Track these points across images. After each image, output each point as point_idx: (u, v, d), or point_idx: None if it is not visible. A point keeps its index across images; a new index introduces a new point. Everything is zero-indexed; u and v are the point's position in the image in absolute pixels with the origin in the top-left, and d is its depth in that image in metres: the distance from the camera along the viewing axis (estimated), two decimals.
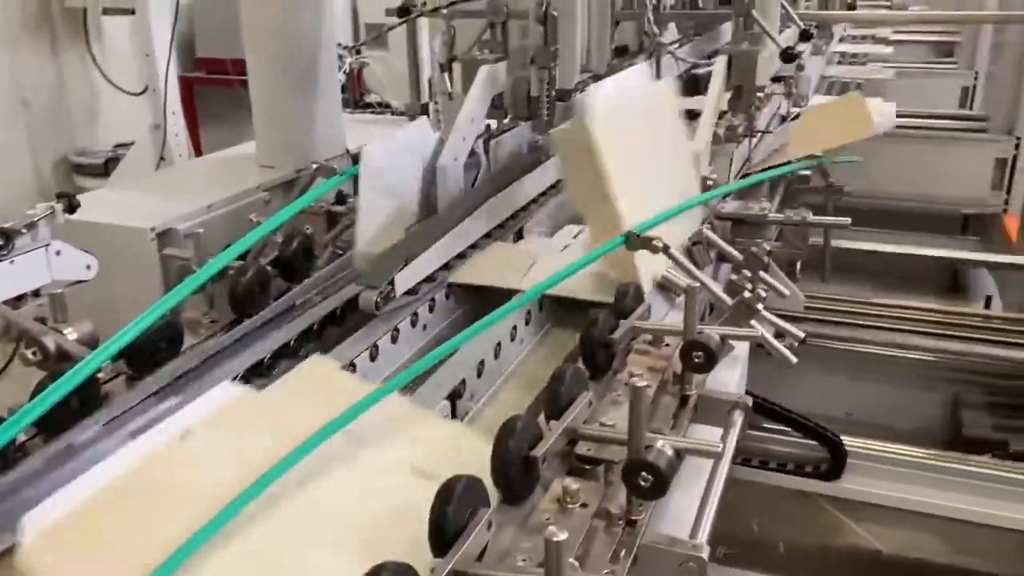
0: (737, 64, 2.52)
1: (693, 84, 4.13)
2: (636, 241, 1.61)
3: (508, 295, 1.61)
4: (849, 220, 2.06)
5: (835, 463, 2.16)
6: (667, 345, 1.48)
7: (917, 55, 8.03)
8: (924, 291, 4.14)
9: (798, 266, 2.64)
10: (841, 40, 5.76)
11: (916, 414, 2.62)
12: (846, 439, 2.18)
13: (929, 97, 6.10)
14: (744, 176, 2.60)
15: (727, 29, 5.40)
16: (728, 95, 2.61)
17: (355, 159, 2.83)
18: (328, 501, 1.07)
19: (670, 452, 1.07)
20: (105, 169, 4.83)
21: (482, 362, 1.55)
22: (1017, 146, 4.53)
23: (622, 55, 3.73)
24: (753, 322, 1.60)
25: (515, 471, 1.08)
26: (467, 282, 1.87)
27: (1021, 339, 2.49)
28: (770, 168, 2.57)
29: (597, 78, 2.76)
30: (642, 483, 1.05)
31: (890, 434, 2.39)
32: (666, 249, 1.62)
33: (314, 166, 2.02)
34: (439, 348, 1.37)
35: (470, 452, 1.14)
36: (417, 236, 1.85)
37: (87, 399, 1.26)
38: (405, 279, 1.72)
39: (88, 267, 1.85)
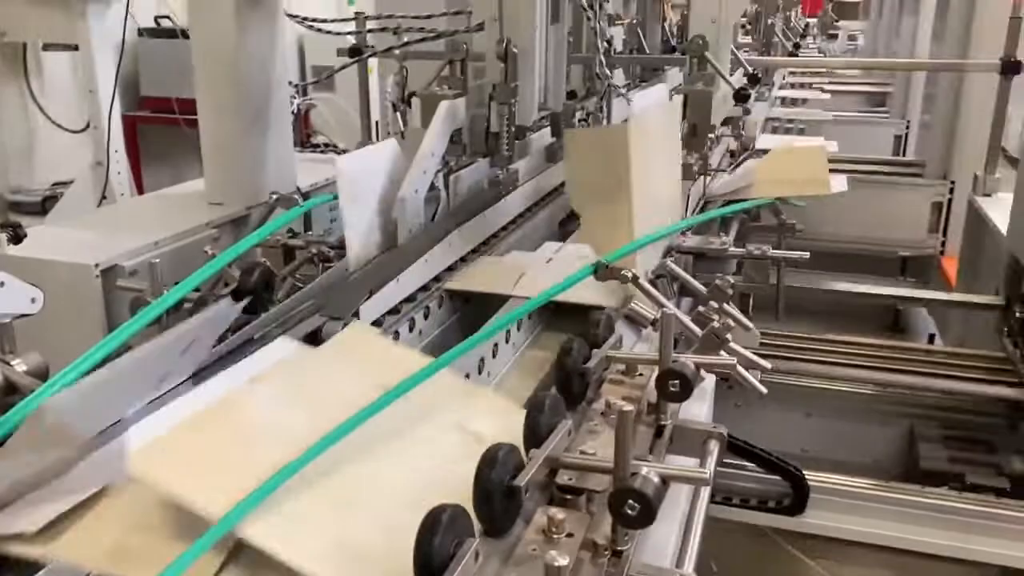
0: (693, 103, 2.56)
1: None
2: (605, 272, 1.60)
3: (501, 302, 1.76)
4: (808, 254, 2.09)
5: (798, 498, 2.16)
6: (640, 375, 1.46)
7: (851, 104, 8.34)
8: (866, 331, 4.22)
9: (751, 302, 2.67)
10: (780, 100, 5.92)
11: (872, 448, 2.64)
12: (807, 474, 2.19)
13: (864, 144, 6.33)
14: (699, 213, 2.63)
15: (671, 76, 5.54)
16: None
17: (306, 196, 2.80)
18: (391, 456, 1.15)
19: (656, 479, 1.05)
20: (42, 208, 4.69)
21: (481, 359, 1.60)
22: (952, 190, 4.70)
23: (570, 99, 3.79)
24: (722, 352, 1.59)
25: (498, 501, 1.04)
26: (463, 288, 1.95)
27: (972, 373, 2.54)
28: (725, 205, 2.60)
29: (554, 117, 2.79)
30: (629, 512, 1.03)
31: (847, 469, 2.40)
32: (635, 279, 1.61)
33: (274, 196, 1.98)
34: (450, 352, 1.37)
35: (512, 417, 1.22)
36: (381, 267, 1.82)
37: None
38: (370, 310, 1.68)
39: (33, 300, 1.76)
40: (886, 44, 9.01)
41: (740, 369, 1.56)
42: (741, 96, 2.65)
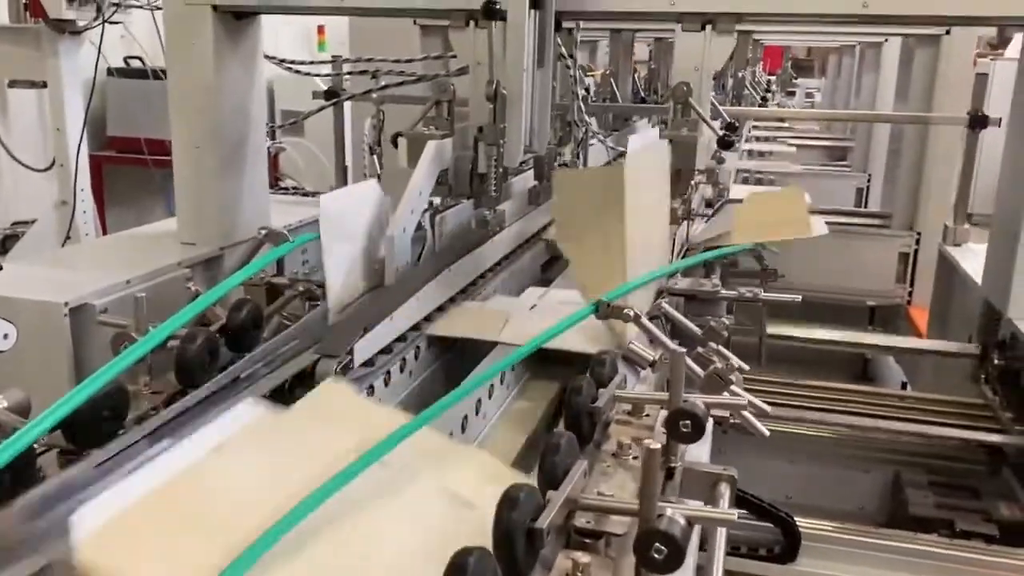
0: (677, 148, 2.56)
1: None
2: (606, 309, 1.58)
3: (487, 348, 1.70)
4: (800, 297, 2.09)
5: (789, 546, 2.12)
6: (647, 415, 1.43)
7: (812, 158, 8.54)
8: (836, 381, 4.24)
9: (729, 345, 2.66)
10: (747, 152, 6.03)
11: (856, 495, 2.63)
12: (797, 520, 2.15)
13: (827, 196, 6.45)
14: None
15: (640, 128, 5.63)
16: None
17: None
18: (371, 527, 1.04)
19: (682, 521, 1.01)
20: (2, 247, 4.55)
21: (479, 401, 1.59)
22: (918, 241, 4.80)
23: None
24: (725, 394, 1.56)
25: (520, 545, 0.99)
26: (448, 335, 1.88)
27: (953, 419, 2.55)
28: (709, 249, 2.60)
29: (538, 160, 2.78)
30: (656, 555, 0.98)
31: (832, 516, 2.37)
32: (637, 319, 1.58)
33: (263, 232, 1.93)
34: (431, 409, 1.28)
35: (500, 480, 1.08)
36: (372, 304, 1.77)
37: (21, 473, 1.11)
38: (364, 349, 1.63)
39: (5, 336, 1.69)
40: (845, 101, 9.27)
41: (745, 412, 1.54)
42: (725, 143, 2.67)
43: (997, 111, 3.66)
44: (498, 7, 2.25)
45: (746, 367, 1.85)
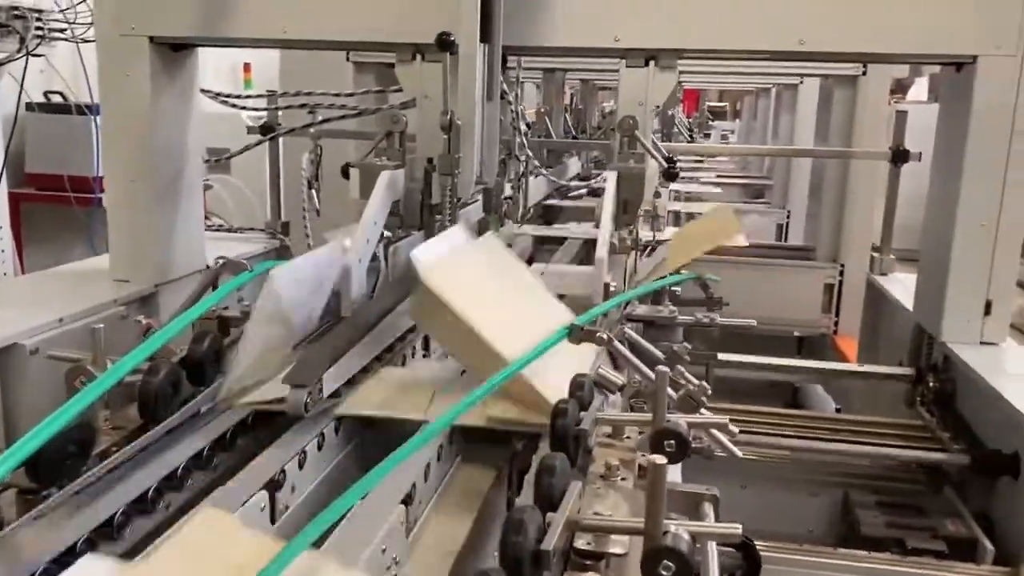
0: (625, 180, 2.61)
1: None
2: (579, 333, 1.58)
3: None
4: (755, 321, 2.13)
5: (750, 569, 2.13)
6: (628, 437, 1.43)
7: (730, 196, 8.81)
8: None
9: None
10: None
11: (806, 518, 2.66)
12: (757, 543, 2.17)
13: (750, 232, 6.66)
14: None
15: (572, 164, 5.72)
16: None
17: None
18: None
19: (687, 537, 1.01)
20: None
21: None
22: (842, 272, 4.99)
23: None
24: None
25: (527, 568, 0.97)
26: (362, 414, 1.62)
27: (896, 441, 2.62)
28: (657, 279, 2.64)
29: (487, 192, 2.79)
30: (664, 573, 0.98)
31: (786, 540, 2.39)
32: (610, 341, 1.59)
33: (220, 262, 1.87)
34: (348, 494, 1.10)
35: None
36: (336, 336, 1.73)
37: None
38: (331, 378, 1.59)
39: None
40: (761, 141, 9.61)
41: (716, 432, 1.55)
42: (670, 174, 2.73)
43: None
44: (452, 39, 2.26)
45: (707, 388, 1.88)
